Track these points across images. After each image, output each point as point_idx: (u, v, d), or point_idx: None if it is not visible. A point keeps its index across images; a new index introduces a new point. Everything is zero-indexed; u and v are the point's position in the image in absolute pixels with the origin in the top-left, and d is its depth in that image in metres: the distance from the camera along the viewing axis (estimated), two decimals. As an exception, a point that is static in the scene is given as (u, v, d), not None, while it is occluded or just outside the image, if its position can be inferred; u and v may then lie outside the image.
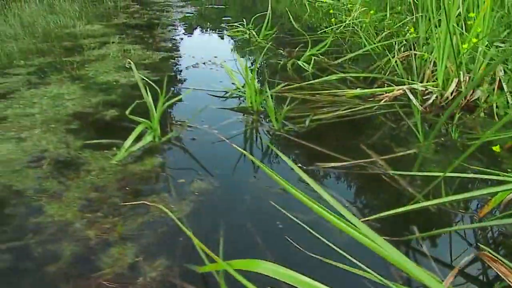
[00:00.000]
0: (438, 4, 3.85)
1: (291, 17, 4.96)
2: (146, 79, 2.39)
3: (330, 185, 1.82)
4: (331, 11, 5.86)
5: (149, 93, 2.21)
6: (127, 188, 1.74)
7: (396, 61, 3.21)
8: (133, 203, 1.61)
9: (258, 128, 2.37)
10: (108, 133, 2.28)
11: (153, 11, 6.30)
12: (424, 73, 3.13)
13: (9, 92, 2.93)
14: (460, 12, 3.04)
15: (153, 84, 2.33)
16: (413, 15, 4.40)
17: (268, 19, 4.42)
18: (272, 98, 2.42)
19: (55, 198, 1.67)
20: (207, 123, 2.39)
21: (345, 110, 2.62)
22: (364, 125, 2.48)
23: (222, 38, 4.68)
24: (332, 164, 1.99)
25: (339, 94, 2.92)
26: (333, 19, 5.65)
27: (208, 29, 5.13)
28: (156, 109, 2.16)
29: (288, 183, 1.23)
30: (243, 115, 2.56)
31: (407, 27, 4.23)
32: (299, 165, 1.98)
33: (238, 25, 4.83)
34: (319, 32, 4.81)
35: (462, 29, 3.03)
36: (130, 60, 2.50)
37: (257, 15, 4.97)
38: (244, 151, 1.44)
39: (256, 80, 2.98)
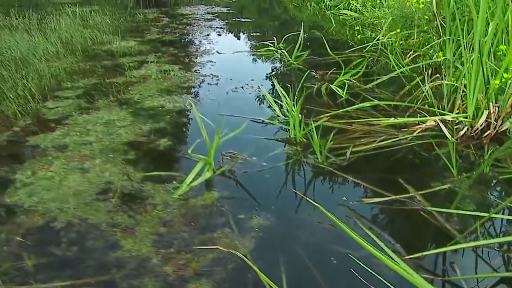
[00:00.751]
0: (467, 28, 4.04)
1: (325, 42, 5.12)
2: (202, 117, 2.57)
3: (374, 221, 2.02)
4: (357, 27, 6.02)
5: (204, 129, 2.40)
6: (192, 224, 1.94)
7: (427, 90, 3.37)
8: (205, 247, 1.81)
9: (303, 160, 2.56)
10: (164, 164, 2.51)
11: (183, 25, 6.52)
12: (454, 100, 3.29)
13: (63, 118, 3.16)
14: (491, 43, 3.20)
15: (208, 122, 2.53)
16: (440, 36, 4.55)
17: (300, 42, 4.59)
18: (312, 126, 2.61)
19: (128, 233, 1.88)
20: (255, 154, 2.62)
21: (381, 141, 2.79)
22: (400, 157, 2.70)
23: (256, 57, 4.85)
24: (375, 200, 2.19)
25: (374, 123, 3.10)
26: (359, 36, 5.82)
27: (240, 46, 5.31)
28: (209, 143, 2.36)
29: (339, 220, 1.44)
30: (287, 145, 2.75)
31: (434, 49, 4.39)
32: (344, 198, 2.16)
33: (269, 44, 4.98)
34: (347, 51, 4.95)
35: (492, 61, 3.18)
36: (190, 102, 2.71)
37: (288, 35, 5.16)
38: (297, 191, 1.65)
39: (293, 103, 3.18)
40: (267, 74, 4.36)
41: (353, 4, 7.69)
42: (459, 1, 4.15)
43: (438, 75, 4.02)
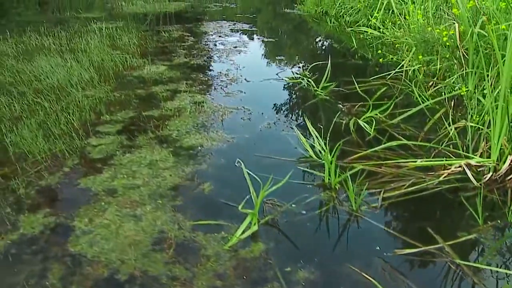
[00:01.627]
0: (490, 61, 4.24)
1: (348, 66, 5.32)
2: (249, 172, 2.81)
3: (407, 273, 2.26)
4: (380, 51, 6.23)
5: (252, 186, 2.65)
6: (244, 277, 2.18)
7: (452, 132, 3.58)
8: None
9: (338, 208, 2.80)
10: (210, 211, 2.77)
11: (208, 46, 6.77)
12: (478, 139, 3.52)
13: (108, 157, 3.41)
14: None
15: (254, 176, 2.77)
16: (462, 66, 4.75)
17: (328, 74, 4.81)
18: (347, 175, 2.85)
19: (187, 287, 2.12)
20: (293, 200, 2.87)
21: (409, 186, 3.03)
22: (428, 203, 2.93)
23: (283, 86, 5.07)
24: (406, 251, 2.42)
25: (401, 165, 3.32)
26: (381, 59, 6.04)
27: (266, 72, 5.54)
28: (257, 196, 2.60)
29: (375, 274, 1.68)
30: (322, 191, 2.98)
31: (456, 80, 4.58)
32: (378, 248, 2.43)
33: (295, 72, 5.20)
34: (371, 78, 5.22)
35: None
36: (240, 161, 2.95)
37: (314, 63, 5.39)
38: (335, 242, 1.88)
39: (324, 142, 3.41)
40: (296, 106, 4.59)
41: (372, 21, 7.89)
42: (483, 36, 4.32)
43: (461, 107, 4.20)
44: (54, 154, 3.46)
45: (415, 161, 3.35)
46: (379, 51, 6.05)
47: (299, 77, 5.14)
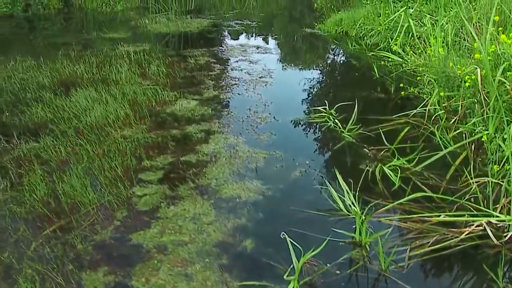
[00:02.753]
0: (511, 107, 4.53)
1: (371, 100, 5.65)
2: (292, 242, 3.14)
3: None
4: (402, 84, 6.53)
5: (294, 254, 3.00)
6: None
7: (473, 187, 3.89)
8: None
9: (368, 267, 3.13)
10: (254, 270, 3.09)
11: (235, 76, 7.11)
12: (499, 194, 3.78)
13: (154, 209, 3.76)
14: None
15: (295, 243, 3.11)
16: (482, 106, 5.05)
17: (354, 115, 5.14)
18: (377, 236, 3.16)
19: None
20: (327, 259, 3.17)
21: (433, 244, 3.33)
22: (451, 261, 3.19)
23: (310, 127, 5.38)
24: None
25: (425, 219, 3.65)
26: (402, 92, 6.35)
27: (294, 108, 5.88)
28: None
29: None
30: (353, 248, 3.31)
31: (477, 123, 4.87)
32: None
33: (322, 110, 5.52)
34: (394, 116, 5.55)
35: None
36: (284, 234, 3.29)
37: (341, 97, 5.74)
38: None
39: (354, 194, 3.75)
40: (324, 152, 4.94)
41: (394, 48, 8.20)
42: (504, 83, 4.59)
43: (481, 150, 4.58)
44: (103, 205, 3.79)
45: (439, 216, 3.66)
46: (401, 84, 6.30)
47: (326, 115, 5.40)
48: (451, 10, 9.25)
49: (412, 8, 9.93)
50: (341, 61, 8.88)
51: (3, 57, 8.18)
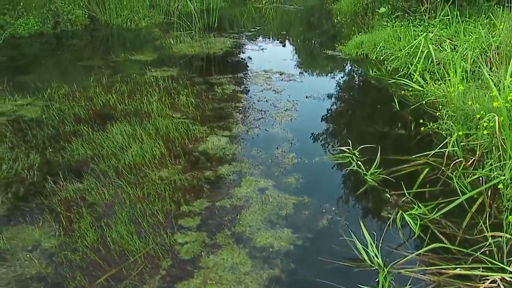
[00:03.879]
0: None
1: (392, 139, 6.10)
2: None
3: None
4: (421, 121, 6.93)
5: None
6: None
7: (489, 241, 4.28)
8: None
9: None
10: None
11: (261, 108, 7.54)
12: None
13: (195, 258, 4.18)
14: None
15: None
16: (499, 150, 5.44)
17: (377, 161, 5.56)
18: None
19: None
20: None
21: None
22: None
23: (335, 167, 5.78)
24: None
25: (443, 272, 4.08)
26: (422, 128, 6.75)
27: (317, 147, 6.32)
28: None
29: None
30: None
31: (494, 169, 5.20)
32: None
33: (345, 150, 5.94)
34: (414, 156, 5.97)
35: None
36: None
37: (364, 133, 6.17)
38: None
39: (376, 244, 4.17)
40: (349, 197, 5.31)
41: (415, 77, 8.60)
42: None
43: (497, 195, 4.95)
44: (149, 253, 4.24)
45: (455, 269, 4.08)
46: (421, 121, 6.70)
47: (349, 156, 5.82)
48: (470, 35, 9.58)
49: (432, 33, 10.25)
50: (363, 90, 9.27)
51: (40, 83, 8.69)
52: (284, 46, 12.26)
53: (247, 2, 18.55)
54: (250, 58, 10.86)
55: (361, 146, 6.01)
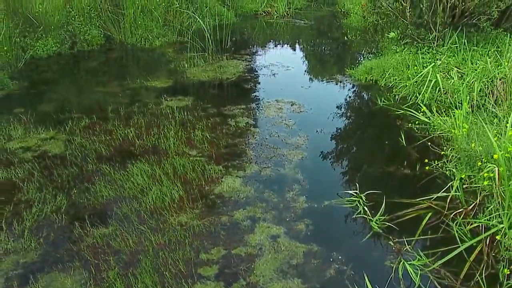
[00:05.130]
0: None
1: (398, 180, 6.65)
2: None
3: None
4: (426, 160, 7.42)
5: None
6: None
7: None
8: None
9: None
10: None
11: (273, 142, 8.11)
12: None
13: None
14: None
15: None
16: (499, 198, 5.91)
17: (382, 208, 6.07)
18: None
19: None
20: None
21: None
22: None
23: (343, 213, 6.25)
24: None
25: None
26: (427, 167, 7.24)
27: (328, 189, 6.88)
28: None
29: None
30: None
31: (494, 218, 5.65)
32: None
33: (352, 194, 6.44)
34: (418, 199, 6.45)
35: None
36: None
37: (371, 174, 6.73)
38: None
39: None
40: (354, 244, 5.76)
41: (419, 101, 9.15)
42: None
43: (495, 243, 5.34)
44: (175, 306, 4.75)
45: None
46: (426, 160, 7.18)
47: (356, 200, 6.33)
48: (477, 63, 10.05)
49: (440, 60, 10.71)
50: (371, 124, 9.66)
51: (61, 114, 9.38)
52: (294, 71, 12.72)
53: (258, 16, 18.90)
54: (262, 85, 11.32)
55: (368, 192, 6.47)
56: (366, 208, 6.23)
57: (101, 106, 9.91)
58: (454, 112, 8.43)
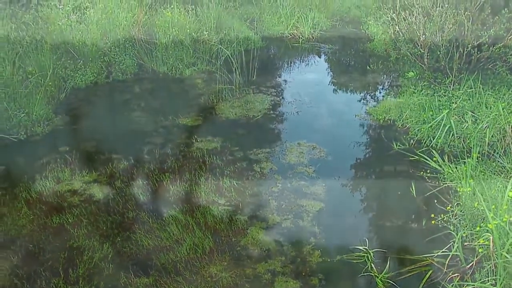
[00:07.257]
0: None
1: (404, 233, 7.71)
2: None
3: None
4: (433, 215, 8.52)
5: None
6: None
7: None
8: None
9: None
10: None
11: (293, 193, 9.19)
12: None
13: None
14: None
15: None
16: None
17: (388, 265, 7.20)
18: None
19: None
20: None
21: None
22: None
23: (351, 270, 7.21)
24: None
25: None
26: (433, 221, 8.23)
27: (339, 244, 7.88)
28: None
29: None
30: None
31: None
32: None
33: (361, 250, 7.51)
34: (421, 255, 7.48)
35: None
36: None
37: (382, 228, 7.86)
38: None
39: None
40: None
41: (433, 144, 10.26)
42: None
43: None
44: None
45: None
46: (432, 215, 8.17)
47: (365, 255, 7.45)
48: (492, 108, 11.02)
49: (455, 103, 11.71)
50: (385, 171, 10.58)
51: (101, 154, 10.75)
52: (316, 106, 13.69)
53: (284, 38, 19.96)
54: (286, 125, 12.31)
55: (375, 250, 7.58)
56: (373, 265, 7.26)
57: (137, 147, 11.02)
58: (464, 161, 9.39)
